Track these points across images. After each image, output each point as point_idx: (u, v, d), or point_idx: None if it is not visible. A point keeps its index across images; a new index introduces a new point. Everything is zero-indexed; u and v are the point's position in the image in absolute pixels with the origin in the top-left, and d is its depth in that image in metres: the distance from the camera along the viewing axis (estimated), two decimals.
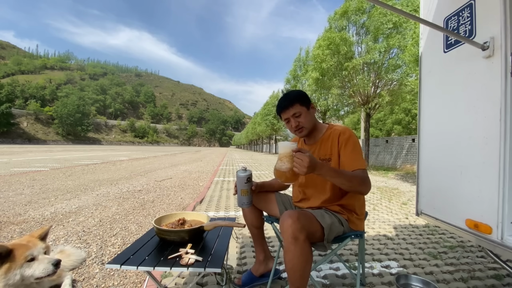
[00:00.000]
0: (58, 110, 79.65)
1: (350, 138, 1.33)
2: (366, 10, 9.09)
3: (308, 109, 1.40)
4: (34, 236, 1.34)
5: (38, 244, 1.29)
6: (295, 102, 1.37)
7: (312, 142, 1.48)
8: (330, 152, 1.38)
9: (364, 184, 1.22)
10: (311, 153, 1.13)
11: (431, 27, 1.57)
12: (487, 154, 1.29)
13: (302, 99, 1.39)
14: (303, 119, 1.38)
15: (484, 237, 1.30)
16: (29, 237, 1.33)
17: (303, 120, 1.38)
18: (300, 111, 1.37)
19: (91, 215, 3.26)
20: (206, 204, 3.95)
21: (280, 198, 1.60)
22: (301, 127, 1.40)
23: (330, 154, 1.37)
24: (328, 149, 1.38)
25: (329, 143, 1.39)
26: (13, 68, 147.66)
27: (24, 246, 1.23)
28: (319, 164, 1.13)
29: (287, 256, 1.12)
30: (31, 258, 1.22)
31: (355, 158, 1.28)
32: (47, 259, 1.25)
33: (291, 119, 1.39)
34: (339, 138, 1.35)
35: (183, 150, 43.57)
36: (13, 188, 4.87)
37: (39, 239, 1.33)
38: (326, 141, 1.41)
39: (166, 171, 8.66)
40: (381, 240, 2.53)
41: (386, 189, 5.73)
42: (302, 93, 1.41)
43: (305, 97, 1.40)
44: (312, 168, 1.10)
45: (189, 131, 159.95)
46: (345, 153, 1.31)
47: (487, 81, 1.30)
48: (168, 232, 1.33)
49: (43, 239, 1.36)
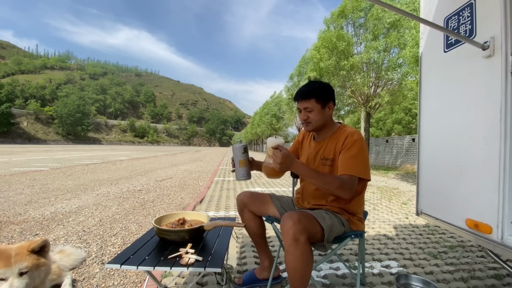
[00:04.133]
0: (58, 110, 79.60)
1: (356, 142, 1.28)
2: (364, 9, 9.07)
3: (324, 107, 1.37)
4: (28, 248, 1.14)
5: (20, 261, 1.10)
6: (312, 97, 1.34)
7: (320, 139, 1.46)
8: (333, 152, 1.36)
9: (342, 188, 1.17)
10: (289, 151, 1.18)
11: (431, 26, 1.57)
12: (487, 154, 1.29)
13: (321, 95, 1.35)
14: (313, 116, 1.36)
15: (484, 237, 1.30)
16: (23, 247, 1.14)
17: (313, 116, 1.36)
18: (313, 107, 1.35)
19: (91, 215, 3.26)
20: (206, 204, 3.95)
21: (278, 202, 1.58)
22: (309, 122, 1.38)
23: (334, 154, 1.35)
24: (333, 149, 1.36)
25: (335, 143, 1.36)
26: (13, 68, 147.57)
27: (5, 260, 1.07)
28: (295, 163, 1.16)
29: (288, 257, 1.12)
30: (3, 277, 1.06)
31: (351, 164, 1.24)
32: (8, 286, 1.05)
33: (303, 111, 1.39)
34: (345, 140, 1.31)
35: (183, 150, 43.57)
36: (13, 188, 4.87)
37: (31, 253, 1.14)
38: (333, 141, 1.38)
39: (166, 170, 8.66)
40: (381, 239, 2.53)
41: (386, 188, 5.73)
42: (324, 88, 1.37)
43: (325, 94, 1.36)
44: (286, 165, 1.15)
45: (189, 131, 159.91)
46: (344, 156, 1.28)
47: (488, 80, 1.30)
48: (168, 232, 1.32)
49: (37, 253, 1.17)
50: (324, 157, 1.39)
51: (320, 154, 1.42)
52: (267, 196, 1.60)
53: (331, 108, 1.39)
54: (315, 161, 1.44)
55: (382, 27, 8.44)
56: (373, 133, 22.37)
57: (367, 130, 10.79)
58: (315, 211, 1.33)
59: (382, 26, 8.41)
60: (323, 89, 1.36)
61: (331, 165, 1.36)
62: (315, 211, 1.33)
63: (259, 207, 1.57)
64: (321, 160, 1.41)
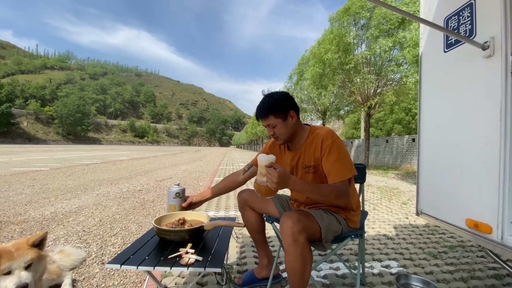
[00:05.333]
0: (58, 110, 79.59)
1: (333, 145, 1.26)
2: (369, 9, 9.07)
3: (285, 119, 1.33)
4: (28, 242, 1.20)
5: (24, 255, 1.15)
6: (269, 114, 1.32)
7: (295, 148, 1.43)
8: (313, 159, 1.34)
9: (340, 197, 1.20)
10: (284, 168, 1.10)
11: (431, 26, 1.57)
12: (487, 154, 1.29)
13: (277, 109, 1.31)
14: (278, 130, 1.35)
15: (484, 237, 1.30)
16: (22, 242, 1.20)
17: (278, 131, 1.35)
18: (275, 122, 1.33)
19: (91, 215, 3.26)
20: (206, 204, 3.95)
21: (278, 201, 1.59)
22: (276, 136, 1.38)
23: (314, 161, 1.34)
24: (312, 155, 1.34)
25: (312, 149, 1.34)
26: (13, 68, 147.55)
27: (7, 255, 1.11)
28: (291, 180, 1.11)
29: (287, 257, 1.12)
30: (8, 271, 1.10)
31: (337, 169, 1.23)
32: (16, 278, 1.10)
33: (268, 128, 1.38)
34: (322, 145, 1.29)
35: (183, 150, 43.57)
36: (13, 187, 4.87)
37: (32, 247, 1.20)
38: (309, 147, 1.35)
39: (166, 170, 8.66)
40: (381, 240, 2.53)
41: (386, 188, 5.73)
42: (279, 101, 1.32)
43: (282, 106, 1.32)
44: (284, 184, 1.09)
45: (189, 131, 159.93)
46: (327, 163, 1.26)
47: (488, 80, 1.30)
48: (168, 232, 1.32)
49: (37, 246, 1.23)
50: (306, 165, 1.37)
51: (300, 163, 1.40)
52: None
53: (293, 117, 1.36)
54: (298, 171, 1.42)
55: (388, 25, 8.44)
56: (373, 133, 22.37)
57: (367, 130, 10.79)
58: (314, 210, 1.34)
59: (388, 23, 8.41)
60: (278, 102, 1.32)
61: (314, 172, 1.35)
62: (313, 210, 1.34)
63: (259, 204, 1.58)
64: (303, 169, 1.39)
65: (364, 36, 9.33)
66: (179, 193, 1.46)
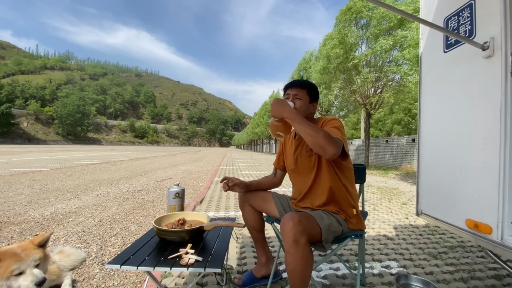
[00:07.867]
0: (58, 110, 79.63)
1: (335, 121, 1.34)
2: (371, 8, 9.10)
3: (311, 101, 1.44)
4: (34, 243, 1.24)
5: (32, 254, 1.18)
6: (305, 87, 1.42)
7: None
8: None
9: (328, 138, 1.13)
10: None
11: (431, 27, 1.57)
12: (487, 154, 1.29)
13: (312, 90, 1.44)
14: (300, 104, 1.40)
15: (484, 237, 1.30)
16: (28, 243, 1.23)
17: (299, 104, 1.40)
18: (303, 97, 1.41)
19: (91, 215, 3.26)
20: (206, 204, 3.95)
21: (279, 200, 1.59)
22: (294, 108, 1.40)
23: None
24: None
25: None
26: (13, 68, 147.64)
27: (15, 257, 1.14)
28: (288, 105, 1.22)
29: (288, 258, 1.12)
30: (18, 272, 1.12)
31: (335, 132, 1.25)
32: (32, 276, 1.13)
33: (291, 97, 1.42)
34: (324, 122, 1.37)
35: (183, 150, 43.57)
36: (13, 188, 4.87)
37: (38, 247, 1.24)
38: None
39: (166, 171, 8.66)
40: (381, 240, 2.53)
41: (386, 189, 5.73)
42: (315, 87, 1.46)
43: (316, 92, 1.45)
44: (281, 104, 1.21)
45: (189, 131, 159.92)
46: (326, 128, 1.31)
47: (487, 81, 1.30)
48: (168, 232, 1.32)
49: (42, 246, 1.27)
50: (309, 149, 1.42)
51: (304, 147, 1.45)
52: (269, 193, 1.63)
53: (315, 107, 1.46)
54: (301, 155, 1.47)
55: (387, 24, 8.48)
56: (373, 133, 22.38)
57: (367, 130, 10.79)
58: (314, 212, 1.34)
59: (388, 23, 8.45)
60: (315, 87, 1.46)
61: (317, 154, 1.38)
62: (314, 212, 1.34)
63: (260, 203, 1.59)
64: (306, 152, 1.44)
65: (364, 36, 9.35)
66: (179, 194, 1.48)
